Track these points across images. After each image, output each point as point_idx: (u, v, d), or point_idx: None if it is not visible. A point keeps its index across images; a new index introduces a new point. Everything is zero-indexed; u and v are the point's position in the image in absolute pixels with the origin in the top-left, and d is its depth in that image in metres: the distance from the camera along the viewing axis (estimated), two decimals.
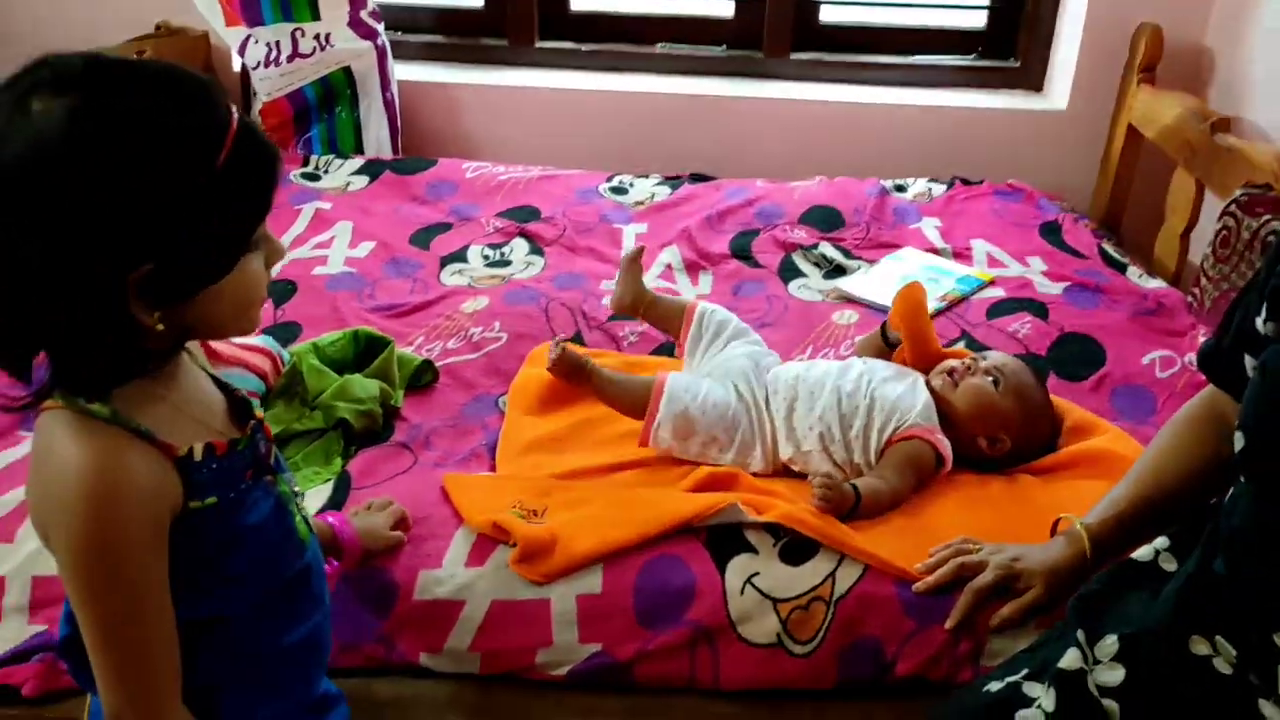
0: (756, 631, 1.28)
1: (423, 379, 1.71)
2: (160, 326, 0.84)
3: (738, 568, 1.31)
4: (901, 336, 1.62)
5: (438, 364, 1.74)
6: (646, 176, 2.49)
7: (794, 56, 2.75)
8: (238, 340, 1.56)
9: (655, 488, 1.45)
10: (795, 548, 1.32)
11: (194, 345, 0.99)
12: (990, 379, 1.52)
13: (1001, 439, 1.50)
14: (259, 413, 1.01)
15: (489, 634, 1.29)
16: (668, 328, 1.72)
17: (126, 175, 0.78)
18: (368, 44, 2.55)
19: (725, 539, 1.34)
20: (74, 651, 0.91)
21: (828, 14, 2.75)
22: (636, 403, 1.51)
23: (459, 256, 2.14)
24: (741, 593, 1.29)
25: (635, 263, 1.74)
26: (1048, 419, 1.55)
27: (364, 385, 1.58)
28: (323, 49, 2.51)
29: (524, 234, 2.23)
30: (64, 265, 0.79)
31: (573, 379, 1.56)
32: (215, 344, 1.49)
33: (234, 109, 0.85)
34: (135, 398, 0.88)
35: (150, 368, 0.89)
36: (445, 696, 1.27)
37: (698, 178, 2.49)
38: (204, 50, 2.58)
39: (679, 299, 1.73)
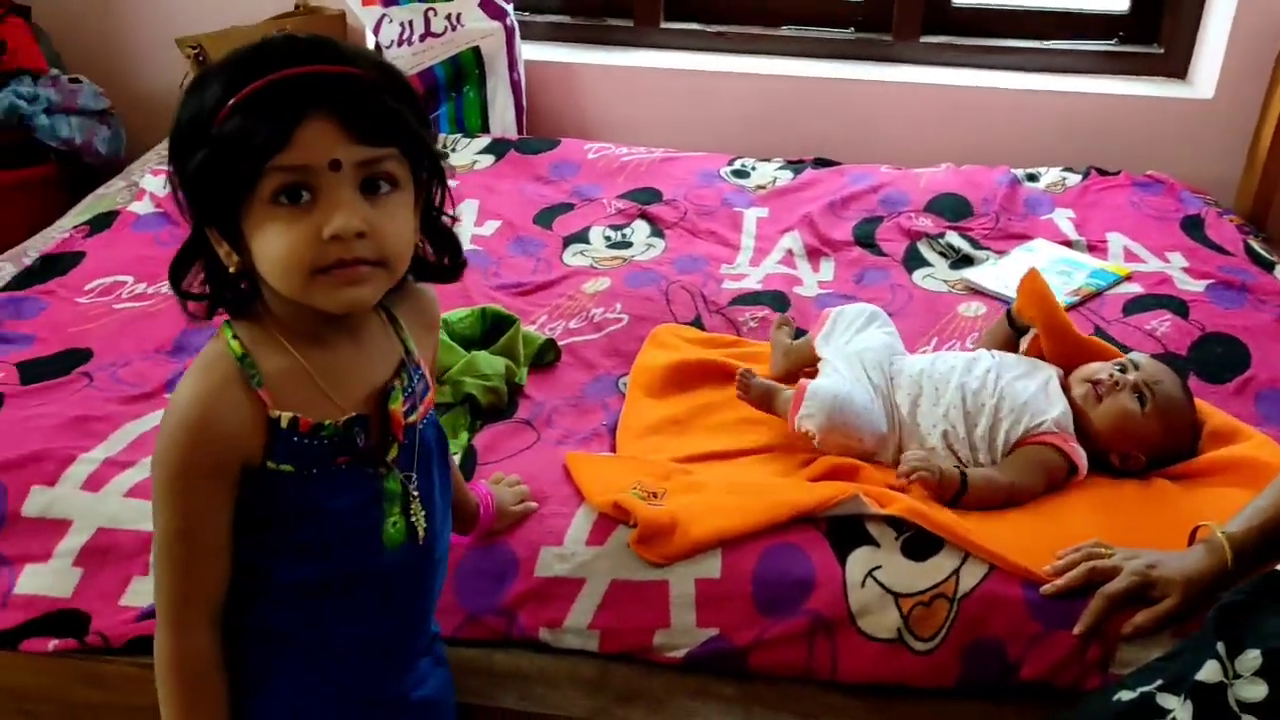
0: (876, 625, 1.27)
1: (546, 357, 1.73)
2: (231, 269, 0.91)
3: (859, 560, 1.30)
4: (1036, 328, 1.57)
5: (560, 343, 1.76)
6: (769, 160, 2.47)
7: (924, 40, 2.70)
8: None
9: (775, 476, 1.44)
10: (918, 542, 1.30)
11: (406, 321, 1.03)
12: (1137, 397, 1.46)
13: (1136, 457, 1.45)
14: (394, 409, 0.99)
15: (608, 612, 1.30)
16: (812, 360, 1.65)
17: (183, 129, 0.89)
18: (497, 24, 2.58)
19: (846, 530, 1.33)
20: None
21: None
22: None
23: (581, 237, 2.16)
24: (862, 585, 1.28)
25: (780, 329, 1.72)
26: (1189, 428, 1.49)
27: (491, 362, 1.61)
28: (454, 29, 2.55)
29: (645, 216, 2.24)
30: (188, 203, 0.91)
31: (763, 406, 1.54)
32: None
33: (306, 65, 0.87)
34: (274, 349, 0.94)
35: (254, 309, 0.95)
36: (564, 672, 1.29)
37: (821, 162, 2.46)
38: (340, 29, 2.64)
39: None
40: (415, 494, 1.02)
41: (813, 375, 1.59)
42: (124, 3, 2.75)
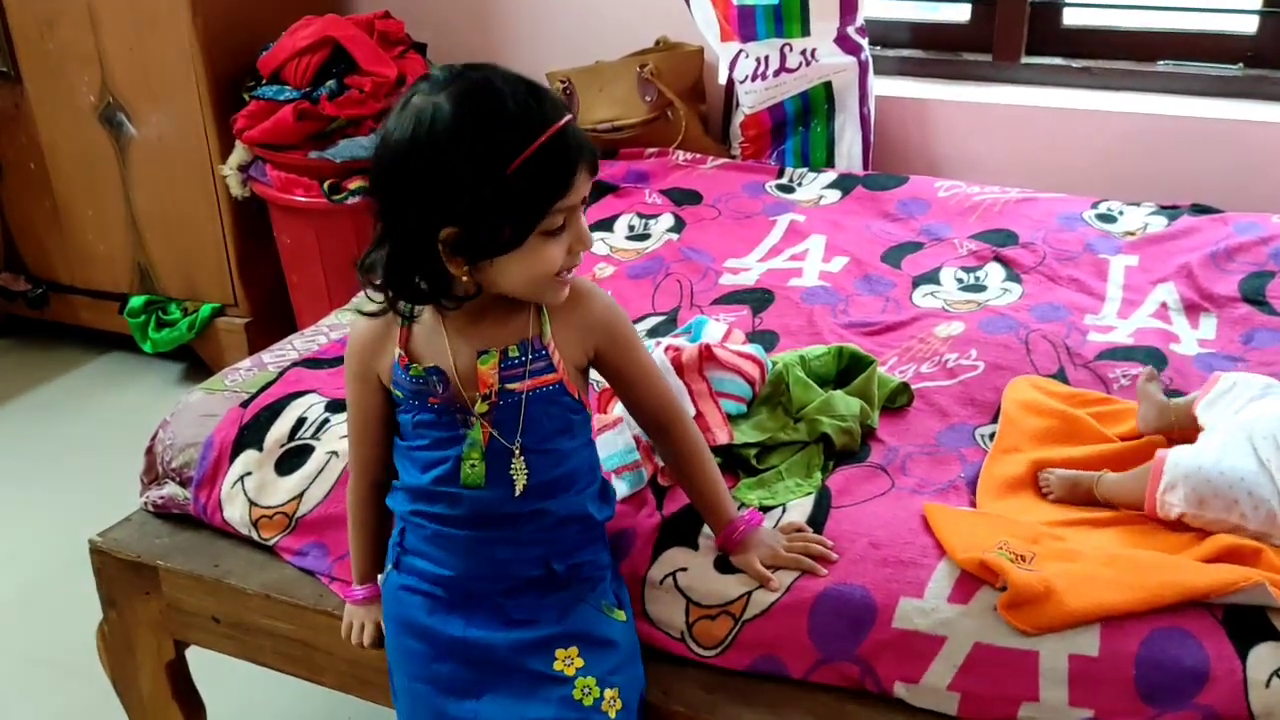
0: None
1: (897, 401, 1.69)
2: (466, 278, 1.13)
3: (1263, 657, 1.17)
4: None
5: (912, 387, 1.72)
6: (1138, 205, 2.30)
7: None
8: (734, 347, 1.64)
9: (1161, 553, 1.33)
10: None
11: (556, 314, 1.24)
12: None
13: None
14: (482, 368, 1.20)
15: (970, 676, 1.25)
16: (1189, 423, 1.51)
17: (445, 158, 1.07)
18: (851, 59, 2.58)
19: (1246, 621, 1.21)
20: None
21: None
22: (1141, 483, 1.39)
23: (931, 278, 2.11)
24: (1267, 686, 1.16)
25: (1150, 382, 1.60)
26: None
27: (847, 402, 1.60)
28: (808, 64, 2.57)
29: (999, 258, 2.15)
30: (400, 216, 1.11)
31: (1073, 499, 1.46)
32: (717, 351, 1.57)
33: (561, 117, 1.10)
34: (431, 311, 1.22)
35: (452, 303, 1.17)
36: None
37: (1200, 209, 2.27)
38: (698, 64, 2.73)
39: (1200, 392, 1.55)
40: (517, 450, 1.21)
41: (1178, 441, 1.47)
42: (505, 37, 2.98)
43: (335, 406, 1.64)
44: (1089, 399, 1.67)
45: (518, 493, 1.22)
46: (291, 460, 1.58)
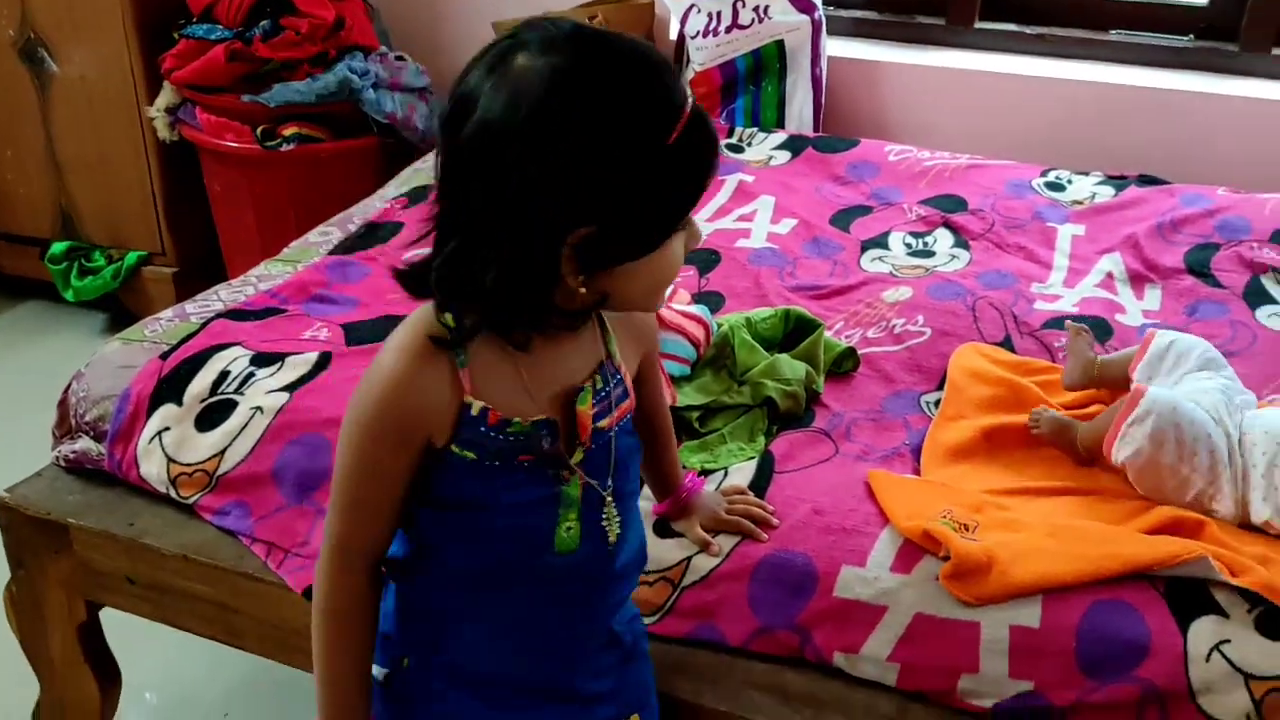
0: (1220, 707, 1.13)
1: (843, 366, 1.66)
2: (583, 290, 0.89)
3: (1204, 631, 1.16)
4: None
5: (859, 352, 1.69)
6: (1087, 174, 2.29)
7: (1277, 52, 2.42)
8: (679, 308, 1.59)
9: (1104, 523, 1.32)
10: (1277, 619, 1.15)
11: (616, 329, 1.04)
12: None
13: None
14: (581, 410, 0.98)
15: (910, 646, 1.23)
16: (1119, 384, 1.51)
17: (592, 137, 0.84)
18: (804, 18, 2.53)
19: (1188, 594, 1.19)
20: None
21: None
22: (1112, 419, 1.36)
23: (880, 242, 2.08)
24: (1206, 660, 1.15)
25: (1079, 338, 1.59)
26: None
27: (792, 366, 1.56)
28: (760, 21, 2.51)
29: (949, 224, 2.12)
30: (519, 212, 0.84)
31: (1058, 443, 1.44)
32: (661, 311, 1.52)
33: (689, 93, 0.89)
34: (487, 337, 0.93)
35: (553, 326, 0.93)
36: (860, 703, 1.22)
37: (1147, 180, 2.26)
38: (649, 17, 2.66)
39: (1132, 349, 1.54)
40: (609, 498, 1.01)
41: (1109, 401, 1.47)
42: None
43: (261, 360, 1.57)
44: (1034, 367, 1.65)
45: (610, 546, 1.02)
46: (213, 416, 1.51)
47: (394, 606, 1.05)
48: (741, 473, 1.41)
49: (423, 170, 2.29)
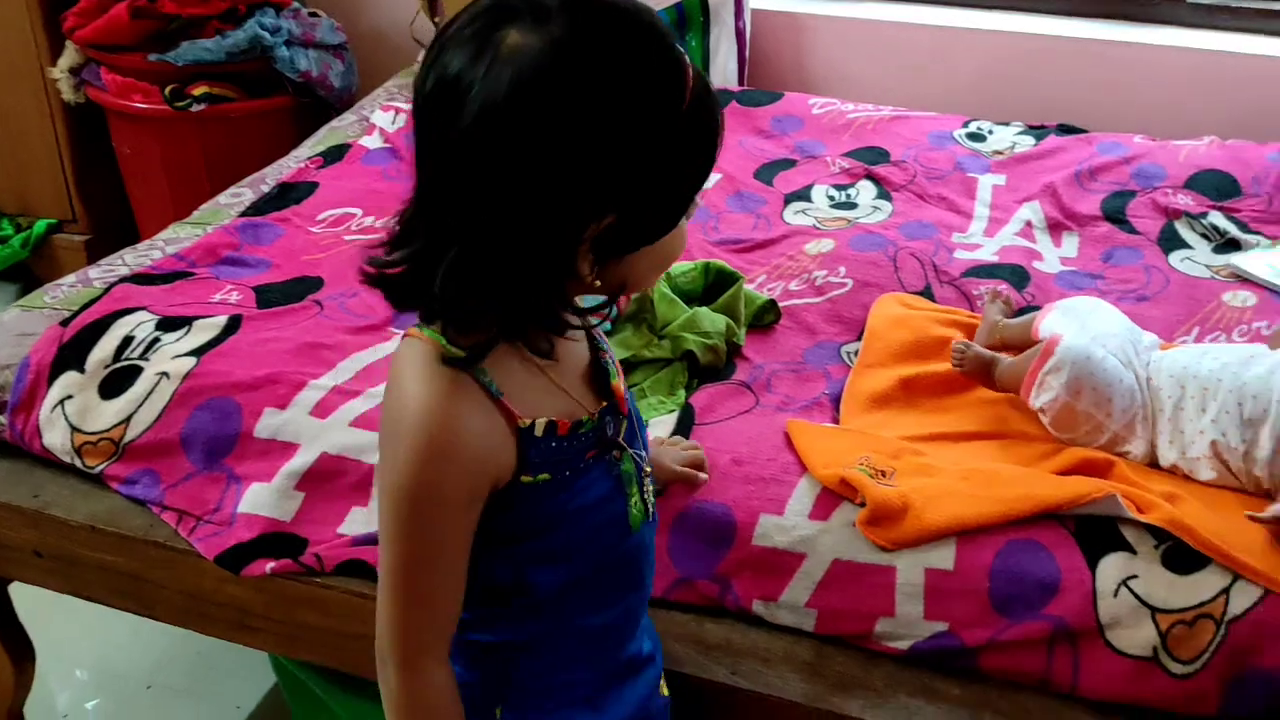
0: (1128, 641, 1.15)
1: (764, 319, 1.66)
2: (598, 283, 0.81)
3: (1112, 567, 1.18)
4: None
5: (780, 304, 1.68)
6: (1007, 124, 2.30)
7: (1192, 0, 2.45)
8: None
9: (1017, 465, 1.33)
10: (1182, 554, 1.18)
11: None
12: None
13: None
14: (617, 384, 0.93)
15: (828, 592, 1.23)
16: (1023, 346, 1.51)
17: (607, 115, 0.75)
18: None
19: (1097, 533, 1.21)
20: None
21: None
22: (1029, 363, 1.37)
23: (803, 195, 2.07)
24: (1114, 595, 1.17)
25: (993, 302, 1.60)
26: None
27: (712, 319, 1.56)
28: None
29: (871, 176, 2.12)
30: (534, 209, 0.76)
31: (979, 378, 1.44)
32: None
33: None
34: (500, 351, 0.84)
35: (570, 326, 0.84)
36: (779, 650, 1.23)
37: (1066, 129, 2.27)
38: None
39: (1029, 317, 1.55)
40: (648, 469, 0.98)
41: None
42: None
43: (167, 325, 1.52)
44: (954, 316, 1.66)
45: (653, 511, 0.99)
46: (117, 382, 1.46)
47: (462, 657, 0.95)
48: (662, 425, 1.40)
49: (339, 129, 2.24)
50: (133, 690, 1.83)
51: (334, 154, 2.11)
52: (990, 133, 2.27)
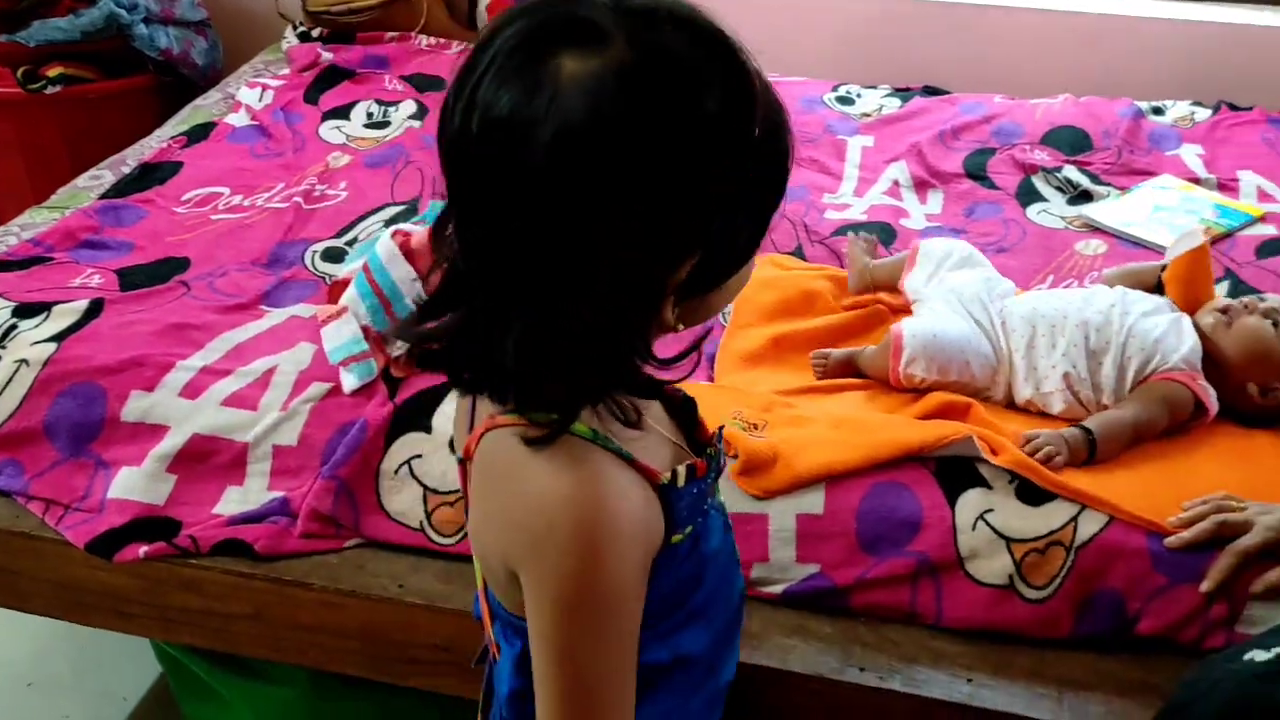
0: (986, 571, 1.21)
1: None
2: (680, 327, 0.73)
3: (970, 503, 1.24)
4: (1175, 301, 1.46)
5: None
6: (875, 87, 2.36)
7: None
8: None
9: (882, 412, 1.38)
10: (1034, 487, 1.24)
11: None
12: (1270, 322, 1.37)
13: (1275, 388, 1.35)
14: (701, 415, 0.86)
15: None
16: (892, 286, 1.61)
17: (691, 142, 0.66)
18: None
19: (957, 471, 1.27)
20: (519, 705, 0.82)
21: None
22: (886, 356, 1.42)
23: None
24: (973, 529, 1.22)
25: (854, 244, 1.67)
26: None
27: None
28: None
29: None
30: (619, 258, 0.67)
31: (847, 374, 1.48)
32: None
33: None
34: (604, 411, 0.74)
35: (655, 390, 0.77)
36: None
37: (930, 91, 2.35)
38: None
39: (901, 254, 1.63)
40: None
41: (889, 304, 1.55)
42: None
43: (24, 311, 1.48)
44: (824, 272, 1.71)
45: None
46: None
47: None
48: None
49: (203, 108, 2.18)
50: (13, 688, 1.77)
51: (199, 133, 2.06)
52: (859, 96, 2.33)
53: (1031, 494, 1.24)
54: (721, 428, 0.88)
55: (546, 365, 0.69)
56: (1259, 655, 1.01)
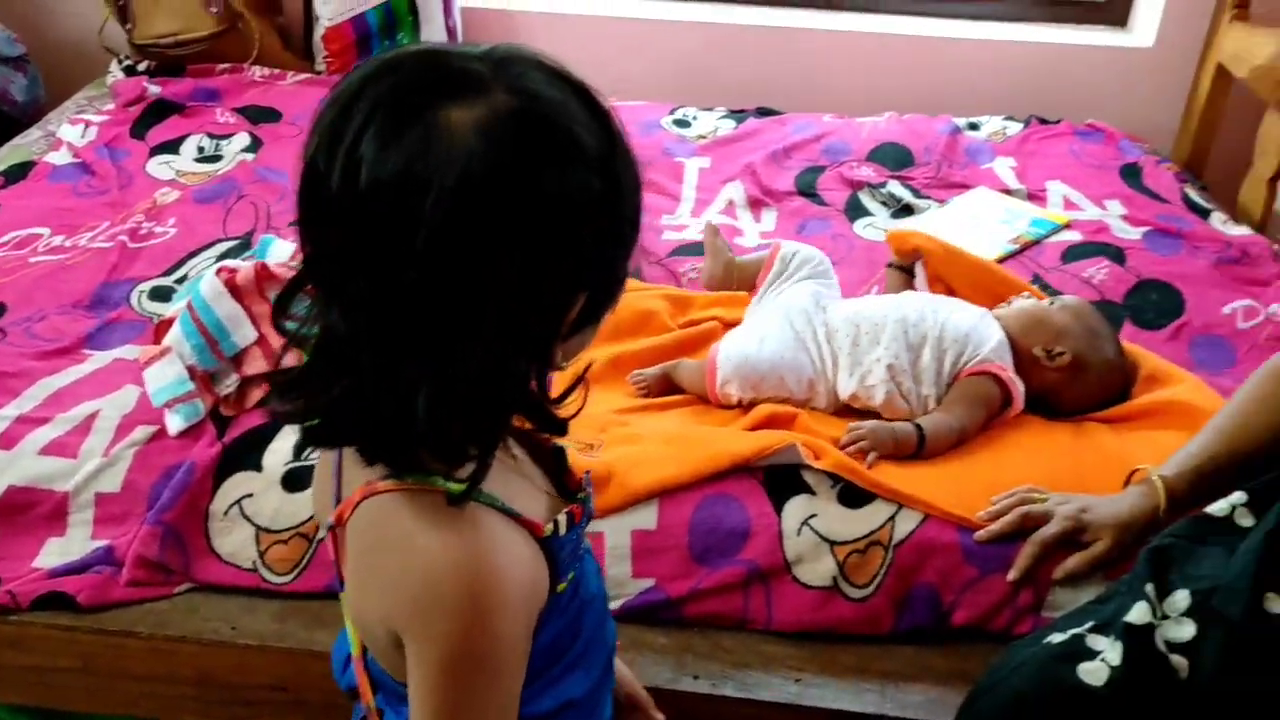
0: (812, 574, 1.26)
1: None
2: (564, 365, 0.75)
3: (795, 509, 1.29)
4: (921, 254, 1.65)
5: None
6: (710, 110, 2.43)
7: None
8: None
9: (713, 426, 1.42)
10: (854, 491, 1.30)
11: None
12: (1045, 301, 1.49)
13: (1060, 351, 1.45)
14: (574, 458, 0.87)
15: None
16: (750, 285, 1.68)
17: (579, 181, 0.67)
18: None
19: (783, 480, 1.31)
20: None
21: None
22: (704, 374, 1.48)
23: None
24: (798, 534, 1.27)
25: (716, 236, 1.72)
26: (1118, 365, 1.49)
27: None
28: None
29: None
30: (523, 306, 0.67)
31: (670, 389, 1.52)
32: (275, 269, 1.48)
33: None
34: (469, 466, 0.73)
35: (561, 426, 0.76)
36: None
37: (764, 112, 2.43)
38: None
39: (765, 252, 1.69)
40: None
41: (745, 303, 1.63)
42: None
43: None
44: (662, 291, 1.75)
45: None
46: None
47: None
48: None
49: (23, 146, 2.10)
50: None
51: (16, 172, 1.98)
52: (695, 118, 2.39)
53: (853, 496, 1.29)
54: (588, 472, 0.89)
55: (459, 419, 0.68)
56: (1056, 638, 1.08)
